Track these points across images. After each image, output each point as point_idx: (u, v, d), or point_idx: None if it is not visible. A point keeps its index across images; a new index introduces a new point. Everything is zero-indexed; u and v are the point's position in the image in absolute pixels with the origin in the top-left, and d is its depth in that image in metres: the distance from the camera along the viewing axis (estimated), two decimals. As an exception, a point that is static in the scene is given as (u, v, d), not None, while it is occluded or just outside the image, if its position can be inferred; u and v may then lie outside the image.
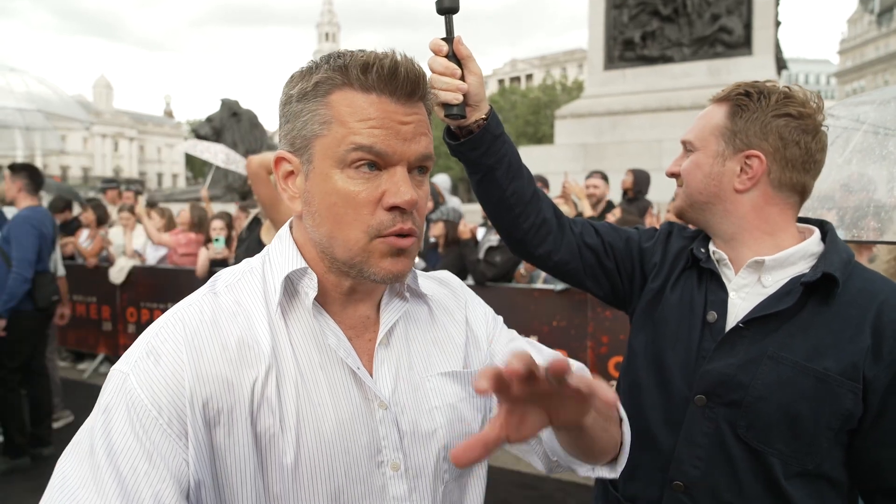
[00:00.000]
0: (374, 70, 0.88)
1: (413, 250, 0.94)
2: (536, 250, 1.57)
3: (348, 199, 0.89)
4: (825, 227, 1.39)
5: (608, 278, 1.60)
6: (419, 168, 0.94)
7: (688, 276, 1.47)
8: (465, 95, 1.29)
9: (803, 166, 1.34)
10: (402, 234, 0.91)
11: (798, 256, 1.34)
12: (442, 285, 1.19)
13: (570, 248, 1.58)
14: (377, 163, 0.89)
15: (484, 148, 1.43)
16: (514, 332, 1.24)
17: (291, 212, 0.98)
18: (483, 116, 1.39)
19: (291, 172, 0.96)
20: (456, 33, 1.27)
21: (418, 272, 1.12)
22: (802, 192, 1.38)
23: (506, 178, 1.48)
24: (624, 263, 1.59)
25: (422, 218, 0.95)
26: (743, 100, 1.37)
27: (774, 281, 1.34)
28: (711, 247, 1.45)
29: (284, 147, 0.96)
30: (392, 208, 0.89)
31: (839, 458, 1.29)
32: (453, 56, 1.27)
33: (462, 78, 1.28)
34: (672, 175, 1.52)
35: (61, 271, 5.29)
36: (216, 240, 6.12)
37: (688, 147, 1.47)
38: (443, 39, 1.28)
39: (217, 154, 9.21)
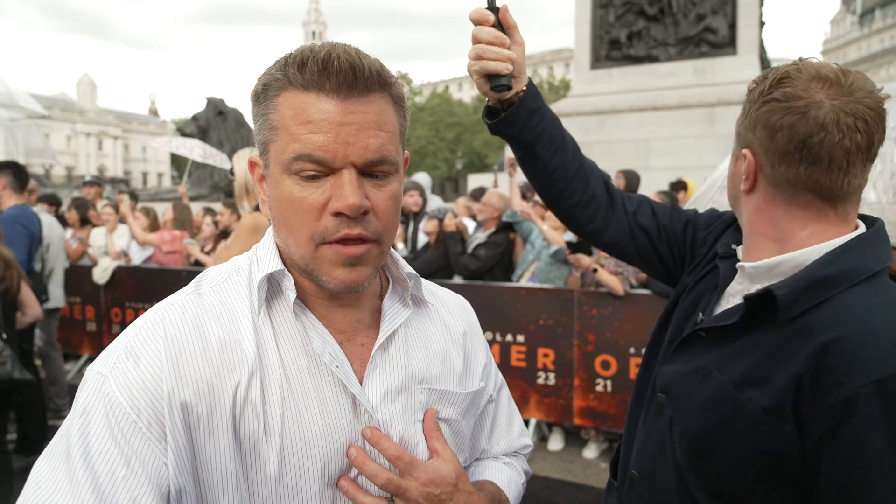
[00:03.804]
0: (308, 66, 0.83)
1: (370, 257, 0.89)
2: (586, 227, 1.51)
3: (296, 205, 0.86)
4: (871, 229, 1.14)
5: (662, 262, 1.52)
6: (372, 174, 0.87)
7: (714, 274, 1.35)
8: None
9: (796, 155, 1.09)
10: (348, 241, 0.86)
11: (791, 266, 1.12)
12: (449, 301, 1.17)
13: (620, 228, 1.50)
14: (321, 170, 0.85)
15: (521, 124, 1.38)
16: (503, 382, 1.26)
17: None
18: (523, 88, 1.35)
19: (263, 176, 0.95)
20: (500, 2, 1.24)
21: (424, 280, 1.09)
22: (815, 190, 1.11)
23: (547, 153, 1.43)
24: (678, 248, 1.49)
25: (383, 222, 0.89)
26: (748, 93, 1.20)
27: None
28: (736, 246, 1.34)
29: (257, 150, 0.95)
30: (337, 214, 0.85)
31: (787, 496, 1.07)
32: (499, 25, 1.24)
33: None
34: None
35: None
36: None
37: None
38: (487, 9, 1.24)
39: (193, 149, 9.06)
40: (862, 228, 1.15)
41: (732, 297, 1.24)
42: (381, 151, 0.86)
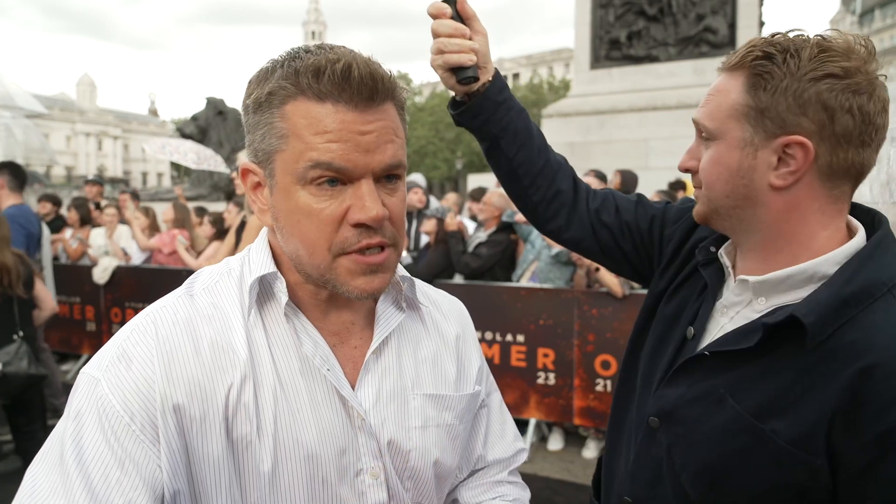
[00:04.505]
0: (326, 76, 0.81)
1: (390, 263, 0.90)
2: (548, 225, 1.46)
3: (312, 217, 0.84)
4: (881, 232, 1.03)
5: (627, 260, 1.44)
6: (388, 176, 0.88)
7: (694, 279, 1.24)
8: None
9: (862, 138, 0.97)
10: (369, 249, 0.86)
11: (802, 278, 1.01)
12: (442, 304, 1.16)
13: (582, 226, 1.44)
14: (339, 178, 0.84)
15: (485, 115, 1.34)
16: (493, 387, 1.24)
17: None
18: (490, 79, 1.33)
19: (259, 184, 0.92)
20: None
21: (418, 282, 1.09)
22: (858, 175, 1.02)
23: (511, 148, 1.38)
24: (644, 246, 1.41)
25: (397, 227, 0.90)
26: (763, 65, 1.01)
27: (767, 306, 1.06)
28: (722, 249, 1.19)
29: (250, 157, 0.92)
30: (357, 224, 0.84)
31: None
32: (458, 17, 1.23)
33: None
34: (686, 170, 1.19)
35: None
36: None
37: (703, 133, 1.12)
38: (443, 1, 1.23)
39: (187, 154, 8.96)
40: (859, 228, 1.06)
41: (729, 309, 1.12)
42: (397, 156, 0.87)
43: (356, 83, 0.82)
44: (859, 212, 1.10)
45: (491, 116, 1.34)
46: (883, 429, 0.88)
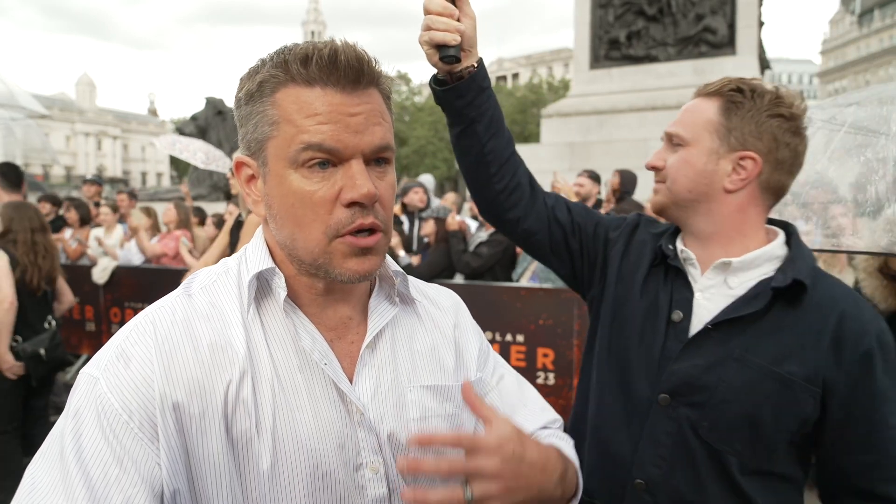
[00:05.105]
0: (314, 61, 0.85)
1: (380, 246, 0.91)
2: (507, 214, 1.55)
3: (305, 200, 0.86)
4: (789, 230, 1.39)
5: (571, 259, 1.58)
6: (377, 160, 0.90)
7: (655, 274, 1.44)
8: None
9: (790, 168, 1.34)
10: (362, 231, 0.88)
11: (763, 259, 1.33)
12: (437, 297, 1.16)
13: (539, 219, 1.55)
14: (331, 159, 0.86)
15: (469, 98, 1.42)
16: (505, 369, 1.20)
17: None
18: (474, 64, 1.38)
19: (252, 176, 0.94)
20: None
21: (412, 278, 1.10)
22: (780, 195, 1.38)
23: (486, 134, 1.46)
24: (588, 247, 1.56)
25: (387, 211, 0.92)
26: (736, 96, 1.33)
27: (739, 283, 1.33)
28: (679, 244, 1.43)
29: (243, 151, 0.94)
30: (350, 204, 0.86)
31: (793, 457, 1.30)
32: None
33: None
34: (653, 168, 1.46)
35: None
36: None
37: (675, 140, 1.42)
38: None
39: (196, 153, 8.96)
40: (779, 230, 1.39)
41: (705, 291, 1.36)
42: (386, 138, 0.90)
43: (343, 66, 0.85)
44: (774, 223, 1.44)
45: (474, 100, 1.42)
46: (861, 351, 1.22)
